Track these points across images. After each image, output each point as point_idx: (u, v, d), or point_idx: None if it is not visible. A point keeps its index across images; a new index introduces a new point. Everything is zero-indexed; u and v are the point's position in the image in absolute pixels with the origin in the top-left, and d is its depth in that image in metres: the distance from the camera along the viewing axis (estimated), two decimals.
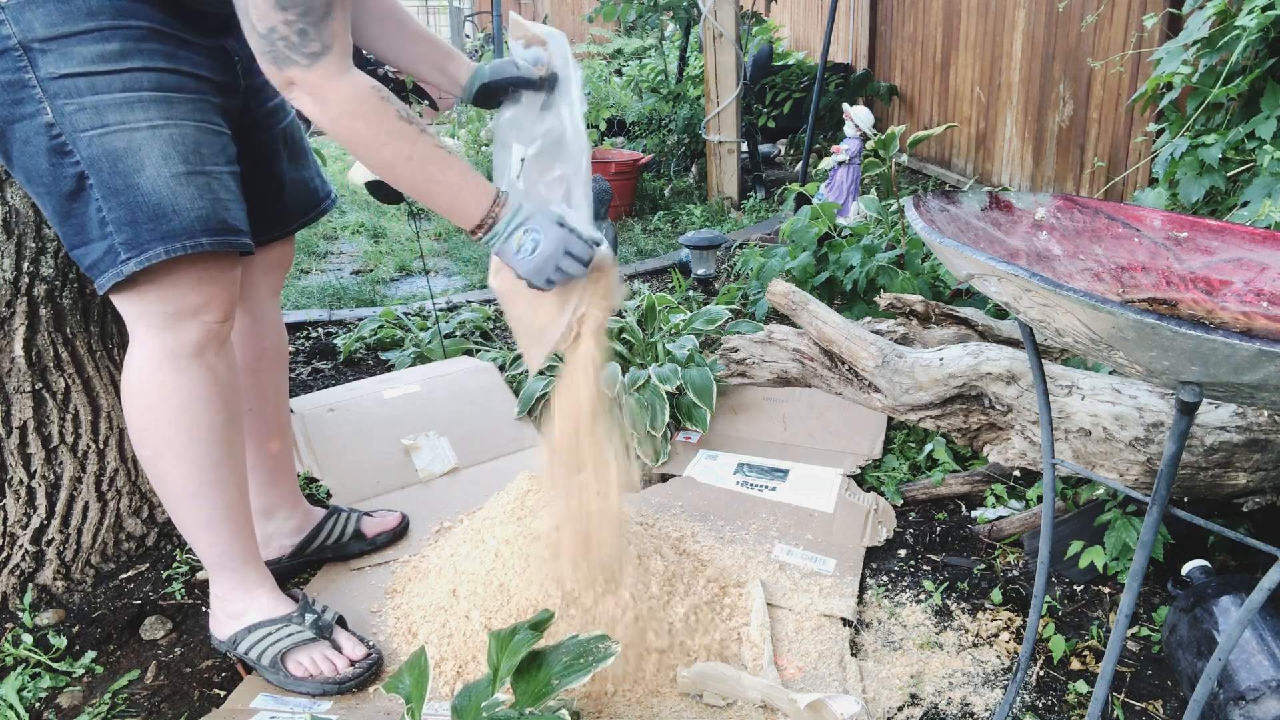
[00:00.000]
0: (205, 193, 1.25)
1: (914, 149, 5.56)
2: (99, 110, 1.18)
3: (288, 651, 1.44)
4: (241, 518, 1.43)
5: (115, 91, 1.19)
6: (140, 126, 1.20)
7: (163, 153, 1.21)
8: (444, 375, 2.49)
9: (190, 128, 1.24)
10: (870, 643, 1.57)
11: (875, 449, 2.16)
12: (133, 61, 1.20)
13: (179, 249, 1.23)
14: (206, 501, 1.38)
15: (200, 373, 1.32)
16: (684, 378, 2.22)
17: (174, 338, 1.29)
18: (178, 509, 1.39)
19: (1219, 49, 2.01)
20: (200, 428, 1.33)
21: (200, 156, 1.25)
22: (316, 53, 1.12)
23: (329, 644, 1.47)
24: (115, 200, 1.21)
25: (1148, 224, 1.12)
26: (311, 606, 1.50)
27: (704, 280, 3.48)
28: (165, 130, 1.22)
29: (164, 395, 1.31)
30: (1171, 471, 0.91)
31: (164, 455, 1.34)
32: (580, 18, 10.16)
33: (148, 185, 1.21)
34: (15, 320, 1.59)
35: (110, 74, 1.18)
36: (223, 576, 1.45)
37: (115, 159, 1.19)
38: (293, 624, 1.46)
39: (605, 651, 1.13)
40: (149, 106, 1.21)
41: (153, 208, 1.21)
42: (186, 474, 1.35)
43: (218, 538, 1.41)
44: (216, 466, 1.37)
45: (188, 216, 1.23)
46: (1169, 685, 1.45)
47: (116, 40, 1.18)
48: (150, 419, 1.32)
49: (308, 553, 1.73)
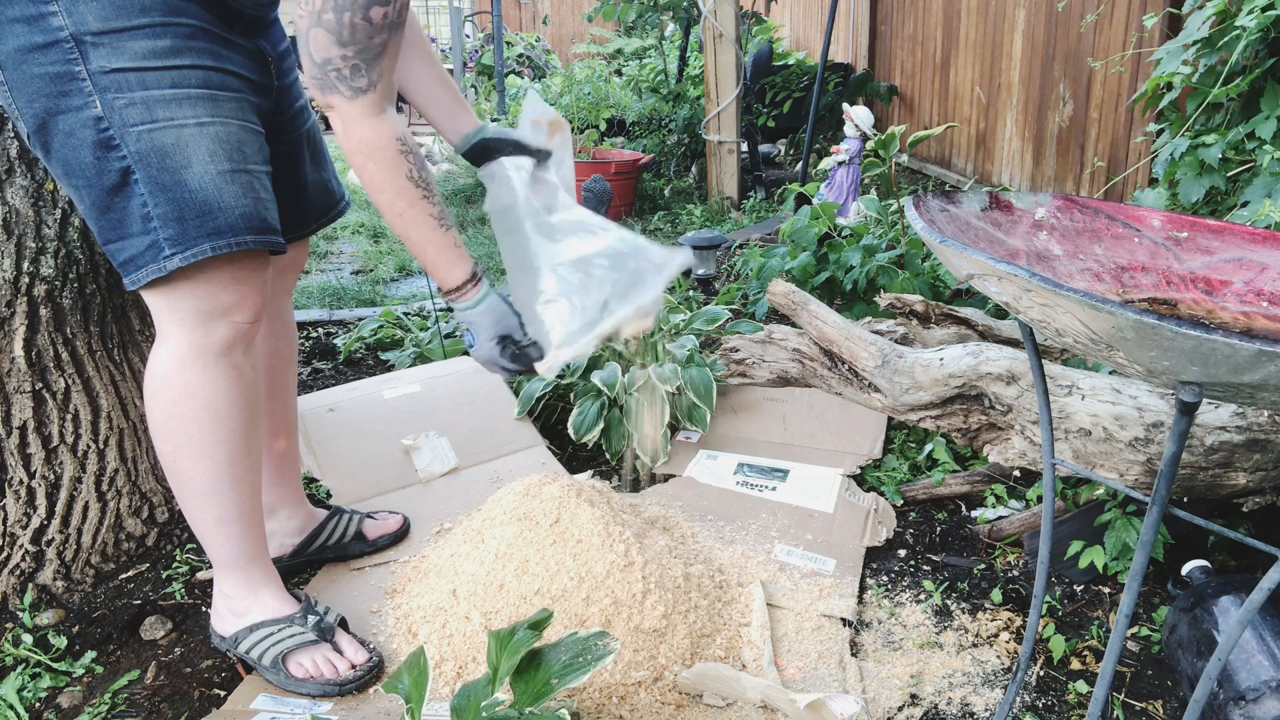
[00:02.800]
0: (249, 191, 1.26)
1: (914, 149, 5.56)
2: (149, 106, 1.18)
3: (289, 653, 1.44)
4: (253, 516, 1.44)
5: (165, 88, 1.19)
6: (188, 123, 1.21)
7: (209, 150, 1.22)
8: (444, 375, 2.49)
9: (235, 126, 1.25)
10: (870, 643, 1.57)
11: (875, 449, 2.16)
12: (182, 59, 1.20)
13: (225, 246, 1.23)
14: (222, 499, 1.38)
15: (227, 371, 1.32)
16: (684, 378, 2.22)
17: (203, 336, 1.30)
18: (192, 505, 1.39)
19: (1219, 49, 2.01)
20: (223, 426, 1.34)
21: (243, 155, 1.26)
22: (362, 89, 1.18)
23: (330, 646, 1.47)
24: (162, 196, 1.21)
25: (1148, 224, 1.12)
26: (314, 608, 1.50)
27: (704, 280, 3.48)
28: (212, 128, 1.22)
29: (190, 392, 1.31)
30: (1171, 471, 0.91)
31: (185, 452, 1.35)
32: (580, 17, 10.16)
33: (195, 182, 1.21)
34: (15, 320, 1.59)
35: (161, 70, 1.19)
36: (229, 574, 1.45)
37: (164, 154, 1.20)
38: (295, 625, 1.46)
39: (604, 650, 1.13)
40: (196, 104, 1.21)
41: (200, 204, 1.22)
42: (206, 471, 1.36)
43: (229, 536, 1.42)
44: (234, 465, 1.37)
45: (233, 214, 1.24)
46: (1169, 685, 1.45)
47: (168, 37, 1.19)
48: (173, 415, 1.33)
49: (309, 552, 1.73)
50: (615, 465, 2.17)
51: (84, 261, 1.66)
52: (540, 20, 10.76)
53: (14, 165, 1.55)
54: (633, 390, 2.17)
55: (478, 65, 8.21)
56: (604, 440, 2.16)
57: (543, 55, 9.05)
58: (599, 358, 2.36)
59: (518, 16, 10.93)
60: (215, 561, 1.45)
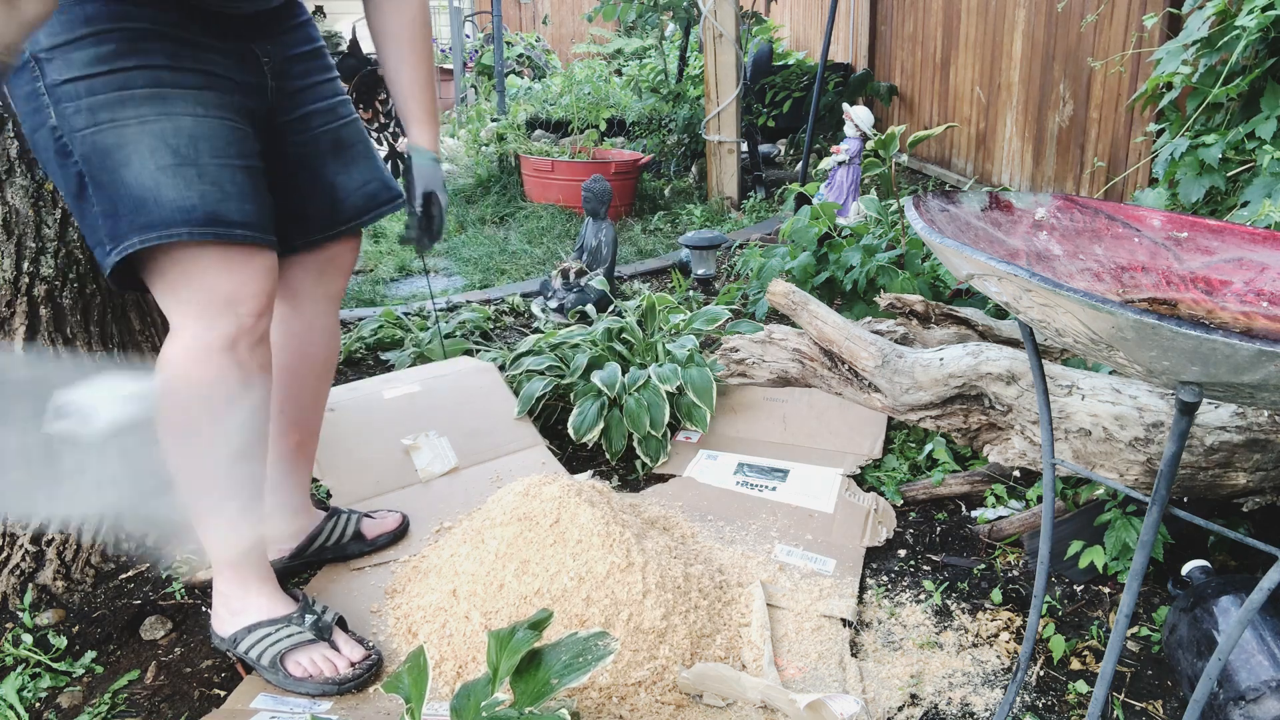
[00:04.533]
0: (194, 184, 1.26)
1: (914, 149, 5.56)
2: (93, 110, 1.22)
3: (287, 652, 1.44)
4: (252, 515, 1.43)
5: (110, 91, 1.22)
6: (129, 123, 1.23)
7: (150, 146, 1.23)
8: (444, 375, 2.49)
9: (187, 121, 1.26)
10: (870, 643, 1.57)
11: (875, 449, 2.16)
12: (127, 61, 1.22)
13: (154, 238, 1.24)
14: (222, 495, 1.38)
15: (229, 366, 1.32)
16: (684, 378, 2.22)
17: (205, 327, 1.30)
18: (192, 502, 1.40)
19: (1219, 49, 2.01)
20: (225, 422, 1.33)
21: (196, 149, 1.26)
22: None
23: (328, 645, 1.47)
24: (102, 193, 1.24)
25: (1148, 224, 1.12)
26: (312, 607, 1.50)
27: (704, 280, 3.48)
28: (155, 125, 1.24)
29: (189, 384, 1.31)
30: (1171, 471, 0.91)
31: (185, 446, 1.35)
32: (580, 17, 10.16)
33: (131, 178, 1.23)
34: (15, 320, 1.59)
35: (106, 75, 1.22)
36: (226, 572, 1.46)
37: (104, 154, 1.22)
38: (292, 624, 1.46)
39: (604, 650, 1.13)
40: (141, 104, 1.23)
41: (134, 199, 1.23)
42: (205, 467, 1.36)
43: (227, 536, 1.42)
44: (235, 462, 1.37)
45: (168, 207, 1.24)
46: (1169, 685, 1.45)
47: (111, 42, 1.22)
48: (173, 405, 1.33)
49: (307, 554, 1.73)
50: (615, 465, 2.17)
51: (84, 261, 1.66)
52: (540, 20, 10.76)
53: (14, 165, 1.55)
54: (633, 390, 2.17)
55: (478, 65, 8.21)
56: (604, 440, 2.16)
57: (543, 55, 9.05)
58: (600, 358, 2.36)
59: (518, 16, 10.93)
60: (212, 558, 1.45)
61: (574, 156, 5.02)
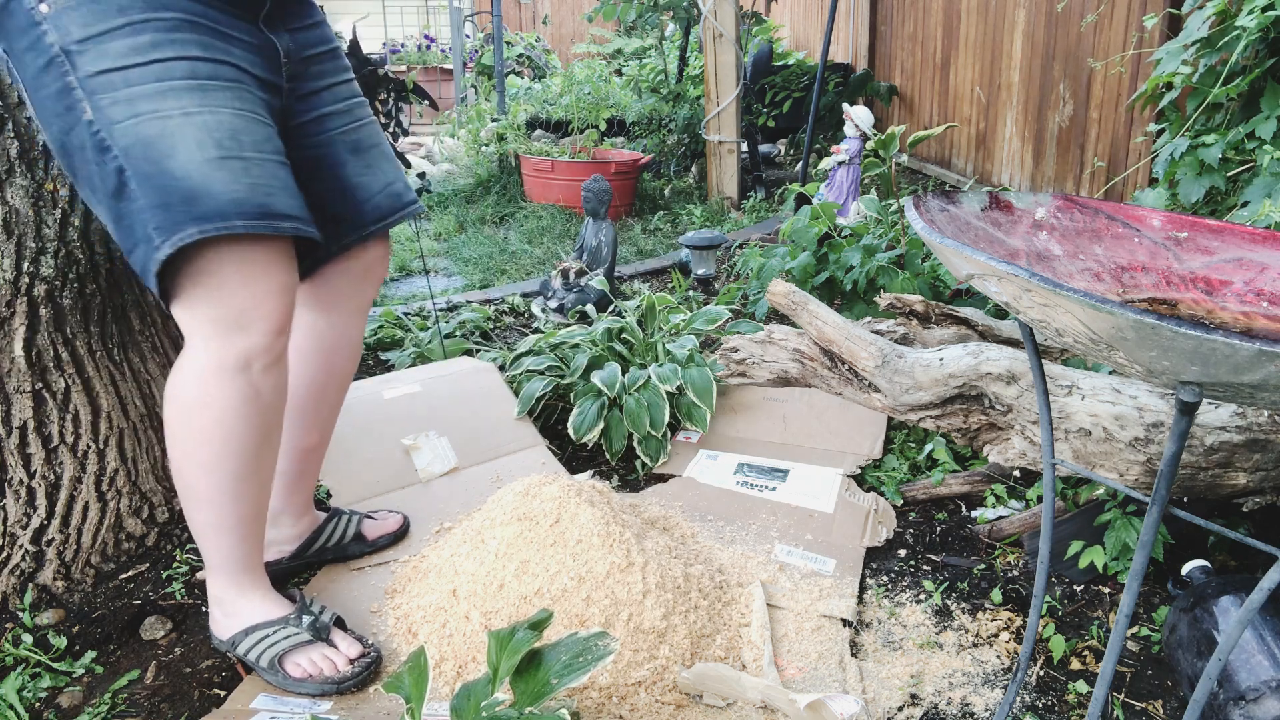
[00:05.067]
0: (241, 176, 1.23)
1: (914, 149, 5.56)
2: (132, 101, 1.18)
3: (285, 653, 1.44)
4: (252, 525, 1.42)
5: (149, 82, 1.18)
6: (173, 114, 1.19)
7: (196, 138, 1.20)
8: (444, 376, 2.49)
9: (227, 114, 1.23)
10: (870, 643, 1.57)
11: (875, 449, 2.16)
12: (165, 51, 1.19)
13: (212, 230, 1.20)
14: (222, 510, 1.38)
15: (243, 388, 1.30)
16: (684, 378, 2.22)
17: (220, 347, 1.28)
18: (191, 510, 1.39)
19: (1219, 49, 2.01)
20: (232, 443, 1.32)
21: (238, 143, 1.23)
22: None
23: (327, 644, 1.47)
24: (148, 185, 1.19)
25: (1148, 224, 1.12)
26: (309, 608, 1.50)
27: (704, 280, 3.48)
28: (199, 117, 1.21)
29: (202, 405, 1.30)
30: (1171, 471, 0.91)
31: (190, 460, 1.34)
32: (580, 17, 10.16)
33: (180, 169, 1.19)
34: (15, 320, 1.59)
35: (143, 65, 1.18)
36: (220, 577, 1.45)
37: (148, 145, 1.19)
38: (290, 625, 1.46)
39: (604, 650, 1.13)
40: (182, 95, 1.20)
41: (185, 191, 1.20)
42: (209, 484, 1.35)
43: (223, 543, 1.41)
44: (240, 481, 1.36)
45: (221, 199, 1.21)
46: (1169, 685, 1.45)
47: (148, 32, 1.18)
48: (184, 424, 1.32)
49: (308, 554, 1.73)
50: (615, 465, 2.17)
51: (84, 261, 1.66)
52: (540, 20, 10.76)
53: (14, 165, 1.55)
54: (633, 390, 2.17)
55: (478, 65, 8.21)
56: (604, 440, 2.16)
57: (543, 55, 9.05)
58: (600, 358, 2.36)
59: (518, 16, 10.93)
60: (207, 563, 1.45)
61: (574, 156, 5.02)
